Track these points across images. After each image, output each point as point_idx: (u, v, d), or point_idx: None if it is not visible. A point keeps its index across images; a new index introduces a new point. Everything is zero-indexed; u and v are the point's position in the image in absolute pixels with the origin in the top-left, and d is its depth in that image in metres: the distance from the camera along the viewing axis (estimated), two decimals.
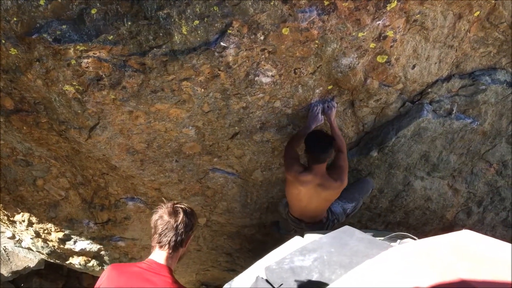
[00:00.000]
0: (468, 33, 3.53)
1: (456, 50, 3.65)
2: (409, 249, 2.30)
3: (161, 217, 2.35)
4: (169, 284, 2.25)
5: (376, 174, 4.51)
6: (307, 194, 3.81)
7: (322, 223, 4.15)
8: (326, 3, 2.91)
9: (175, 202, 2.42)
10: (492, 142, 4.34)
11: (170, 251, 2.33)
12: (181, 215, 2.34)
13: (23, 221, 5.15)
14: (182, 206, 2.40)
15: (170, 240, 2.31)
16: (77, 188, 4.70)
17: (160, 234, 2.33)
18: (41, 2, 2.66)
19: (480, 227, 5.05)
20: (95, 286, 2.32)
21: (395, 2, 2.99)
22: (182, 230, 2.33)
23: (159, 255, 2.35)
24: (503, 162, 4.52)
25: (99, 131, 3.59)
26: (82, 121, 3.48)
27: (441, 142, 4.23)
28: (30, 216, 5.05)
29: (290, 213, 4.20)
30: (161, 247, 2.34)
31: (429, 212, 4.91)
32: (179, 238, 2.32)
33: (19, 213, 5.05)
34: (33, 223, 5.18)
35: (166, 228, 2.32)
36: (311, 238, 3.28)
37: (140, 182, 4.43)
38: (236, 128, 3.86)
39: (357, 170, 4.52)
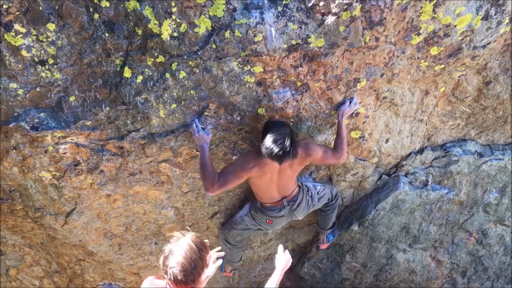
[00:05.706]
0: (436, 107, 3.67)
1: (426, 123, 3.78)
2: None
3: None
4: None
5: (359, 248, 4.47)
6: (275, 171, 3.30)
7: (298, 196, 3.61)
8: (299, 84, 3.02)
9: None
10: (470, 212, 4.39)
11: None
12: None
13: None
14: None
15: None
16: (52, 276, 4.51)
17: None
18: (19, 92, 2.68)
19: None
20: None
21: (364, 81, 3.12)
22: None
23: None
24: (482, 231, 4.55)
25: (75, 217, 3.51)
26: (59, 207, 3.42)
27: (420, 214, 4.26)
28: None
29: (263, 205, 3.59)
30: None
31: (415, 285, 4.83)
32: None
33: None
34: None
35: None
36: None
37: (118, 267, 4.29)
38: (216, 207, 3.83)
39: (339, 245, 4.48)
